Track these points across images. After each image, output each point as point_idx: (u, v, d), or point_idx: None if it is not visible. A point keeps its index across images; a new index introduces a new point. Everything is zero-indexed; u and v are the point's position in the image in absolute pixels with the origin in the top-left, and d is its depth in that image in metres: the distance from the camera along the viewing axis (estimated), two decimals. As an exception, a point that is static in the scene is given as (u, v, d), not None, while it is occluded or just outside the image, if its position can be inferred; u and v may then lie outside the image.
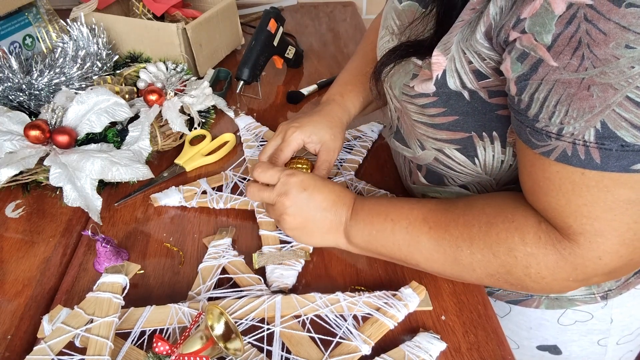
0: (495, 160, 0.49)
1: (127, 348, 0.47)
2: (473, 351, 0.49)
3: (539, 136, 0.38)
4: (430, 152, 0.53)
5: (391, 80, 0.53)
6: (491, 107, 0.45)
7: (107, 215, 0.66)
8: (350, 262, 0.59)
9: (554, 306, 0.63)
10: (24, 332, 0.52)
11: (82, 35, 0.84)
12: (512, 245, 0.44)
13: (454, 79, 0.44)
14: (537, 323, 0.66)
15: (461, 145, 0.50)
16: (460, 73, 0.44)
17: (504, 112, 0.45)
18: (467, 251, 0.46)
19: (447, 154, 0.52)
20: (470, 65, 0.43)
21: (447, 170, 0.54)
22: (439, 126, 0.49)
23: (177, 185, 0.69)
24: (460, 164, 0.52)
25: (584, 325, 0.64)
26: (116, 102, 0.70)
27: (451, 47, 0.43)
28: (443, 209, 0.50)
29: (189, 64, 0.94)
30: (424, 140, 0.53)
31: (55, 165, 0.63)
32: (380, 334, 0.49)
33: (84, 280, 0.57)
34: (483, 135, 0.48)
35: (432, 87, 0.46)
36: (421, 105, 0.49)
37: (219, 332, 0.44)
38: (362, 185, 0.68)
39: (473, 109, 0.46)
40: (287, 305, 0.51)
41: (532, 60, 0.36)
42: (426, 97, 0.47)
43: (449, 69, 0.44)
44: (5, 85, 0.74)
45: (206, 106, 0.80)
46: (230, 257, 0.57)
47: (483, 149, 0.49)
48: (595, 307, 0.62)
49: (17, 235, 0.63)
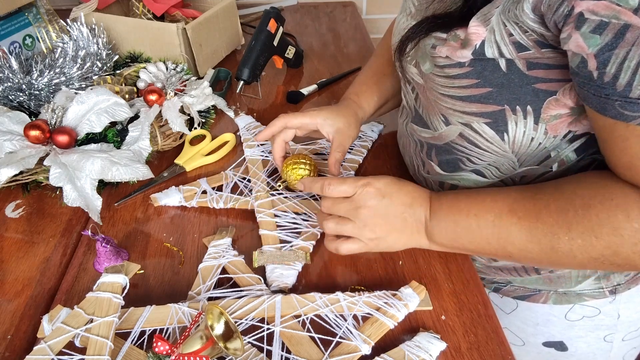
0: (526, 137, 0.48)
1: (127, 348, 0.47)
2: (473, 351, 0.49)
3: (634, 106, 0.37)
4: (455, 127, 0.51)
5: (417, 56, 0.52)
6: (529, 79, 0.44)
7: (107, 215, 0.66)
8: (350, 262, 0.59)
9: (562, 301, 0.63)
10: (24, 332, 0.52)
11: (82, 35, 0.84)
12: (617, 224, 0.42)
13: (493, 49, 0.43)
14: (544, 319, 0.66)
15: (492, 119, 0.48)
16: (500, 45, 0.43)
17: (542, 86, 0.44)
18: (565, 238, 0.44)
19: (474, 129, 0.50)
20: (511, 37, 0.42)
21: (469, 148, 0.52)
22: (469, 98, 0.47)
23: (177, 185, 0.69)
24: (488, 140, 0.50)
25: (592, 321, 0.64)
26: (116, 102, 0.70)
27: (492, 18, 0.42)
28: (530, 197, 0.47)
29: (189, 64, 0.94)
30: (449, 115, 0.51)
31: (55, 165, 0.63)
32: (380, 334, 0.49)
33: (84, 280, 0.57)
34: (517, 109, 0.46)
35: (468, 55, 0.45)
36: (453, 76, 0.47)
37: (219, 332, 0.43)
38: None
39: (509, 80, 0.44)
40: (287, 305, 0.51)
41: (615, 27, 0.35)
42: (459, 67, 0.46)
43: (488, 40, 0.43)
44: (5, 85, 0.74)
45: (206, 106, 0.80)
46: (230, 257, 0.57)
47: (515, 123, 0.47)
48: (604, 302, 0.62)
49: (17, 235, 0.63)
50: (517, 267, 0.62)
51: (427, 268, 0.57)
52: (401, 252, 0.60)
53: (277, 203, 0.65)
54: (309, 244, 0.59)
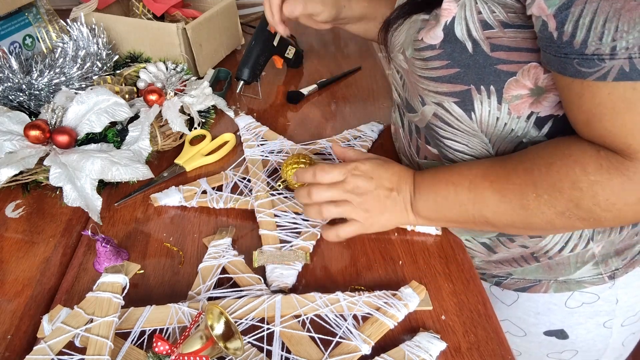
0: (491, 117, 0.51)
1: (127, 348, 0.47)
2: (473, 351, 0.49)
3: (589, 63, 0.39)
4: (430, 107, 0.54)
5: (403, 43, 0.55)
6: (492, 60, 0.47)
7: (107, 215, 0.66)
8: (350, 262, 0.59)
9: (562, 289, 0.64)
10: (24, 332, 0.52)
11: (82, 35, 0.84)
12: (574, 177, 0.44)
13: (461, 27, 0.47)
14: (545, 308, 0.67)
15: (460, 98, 0.51)
16: (468, 21, 0.46)
17: (503, 67, 0.47)
18: (532, 195, 0.47)
19: (446, 108, 0.53)
20: (479, 15, 0.45)
21: (444, 128, 0.55)
22: (440, 79, 0.51)
23: (177, 185, 0.69)
24: (458, 119, 0.53)
25: (591, 307, 0.65)
26: (116, 102, 0.70)
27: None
28: (500, 163, 0.51)
29: (189, 64, 0.94)
30: (425, 95, 0.54)
31: (55, 165, 0.63)
32: (380, 334, 0.49)
33: (84, 280, 0.57)
34: (481, 88, 0.49)
35: (439, 34, 0.48)
36: (427, 58, 0.51)
37: (219, 332, 0.43)
38: None
39: (474, 61, 0.48)
40: (287, 305, 0.51)
41: None
42: (432, 50, 0.49)
43: (459, 16, 0.46)
44: (5, 85, 0.74)
45: (206, 106, 0.80)
46: (230, 257, 0.57)
47: (480, 102, 0.50)
48: (603, 288, 0.63)
49: (17, 235, 0.63)
50: (515, 258, 0.63)
51: (427, 268, 0.57)
52: (401, 252, 0.60)
53: (277, 203, 0.65)
54: (309, 243, 0.60)
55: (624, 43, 0.36)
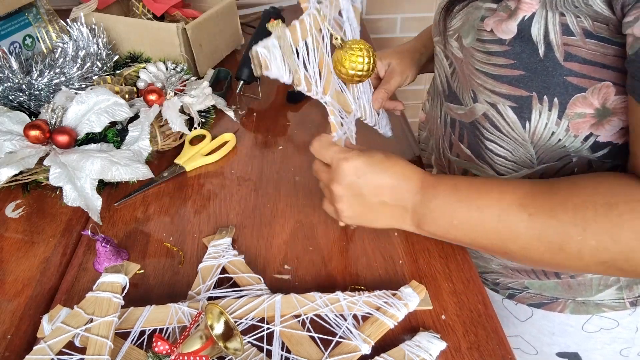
0: (547, 130, 0.47)
1: (126, 348, 0.47)
2: (473, 350, 0.49)
3: None
4: (481, 105, 0.51)
5: (461, 30, 0.51)
6: (562, 70, 0.43)
7: (107, 215, 0.66)
8: (350, 262, 0.59)
9: (580, 311, 0.61)
10: (23, 331, 0.52)
11: (82, 36, 0.84)
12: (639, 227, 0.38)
13: (539, 26, 0.42)
14: (560, 328, 0.64)
15: (517, 103, 0.47)
16: (549, 22, 0.42)
17: (573, 80, 0.43)
18: (577, 238, 0.39)
19: (499, 110, 0.49)
20: (562, 17, 0.41)
21: (490, 130, 0.51)
22: (501, 78, 0.47)
23: (177, 185, 0.69)
24: (510, 125, 0.49)
25: (609, 333, 0.62)
26: (116, 102, 0.70)
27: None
28: (543, 191, 0.43)
29: (189, 64, 0.94)
30: (479, 92, 0.51)
31: (55, 165, 0.63)
32: (380, 334, 0.49)
33: (83, 280, 0.57)
34: (544, 98, 0.45)
35: (513, 28, 0.44)
36: (491, 52, 0.47)
37: (219, 332, 0.43)
38: None
39: (543, 67, 0.44)
40: (287, 304, 0.51)
41: None
42: (499, 44, 0.46)
43: (539, 14, 0.42)
44: (5, 85, 0.74)
45: (206, 106, 0.80)
46: (230, 257, 0.57)
47: (539, 113, 0.46)
48: (623, 314, 0.60)
49: (17, 235, 0.63)
50: (536, 270, 0.60)
51: (427, 268, 0.57)
52: (401, 252, 0.60)
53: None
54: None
55: None
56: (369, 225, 0.52)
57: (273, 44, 0.44)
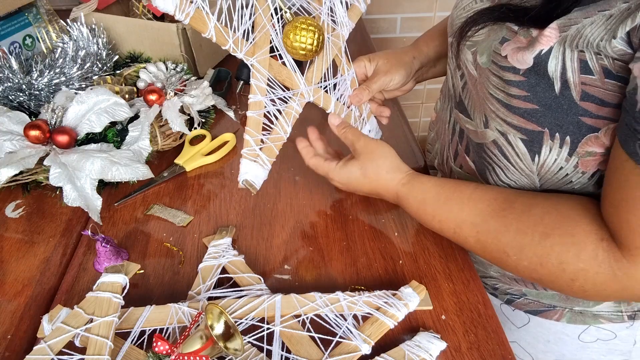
0: (555, 165, 0.47)
1: (127, 348, 0.47)
2: (473, 350, 0.49)
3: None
4: (492, 132, 0.50)
5: (479, 46, 0.49)
6: (577, 110, 0.42)
7: (107, 215, 0.66)
8: (350, 262, 0.59)
9: (576, 321, 0.60)
10: (24, 331, 0.52)
11: (82, 36, 0.84)
12: (565, 259, 0.43)
13: (557, 62, 0.41)
14: (556, 337, 0.63)
15: (528, 137, 0.46)
16: (567, 58, 0.40)
17: (588, 121, 0.42)
18: (513, 257, 0.46)
19: (509, 141, 0.48)
20: (581, 53, 0.39)
21: (499, 158, 0.51)
22: (514, 109, 0.46)
23: (177, 185, 0.69)
24: (518, 156, 0.49)
25: (606, 345, 0.62)
26: (116, 102, 0.70)
27: (574, 26, 0.39)
28: (495, 213, 0.48)
29: (189, 64, 0.94)
30: (491, 119, 0.50)
31: (55, 165, 0.63)
32: (380, 334, 0.49)
33: (84, 280, 0.57)
34: (556, 135, 0.45)
35: (529, 60, 0.42)
36: (505, 80, 0.45)
37: (219, 332, 0.43)
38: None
39: (558, 104, 0.43)
40: (287, 304, 0.51)
41: None
42: (514, 73, 0.44)
43: (557, 49, 0.40)
44: (5, 85, 0.74)
45: (206, 106, 0.80)
46: (230, 257, 0.57)
47: (549, 149, 0.46)
48: (621, 326, 0.60)
49: (17, 235, 0.63)
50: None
51: (427, 268, 0.57)
52: (401, 252, 0.60)
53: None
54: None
55: None
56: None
57: None
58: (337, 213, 0.66)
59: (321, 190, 0.69)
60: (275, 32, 0.57)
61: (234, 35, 0.54)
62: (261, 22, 0.55)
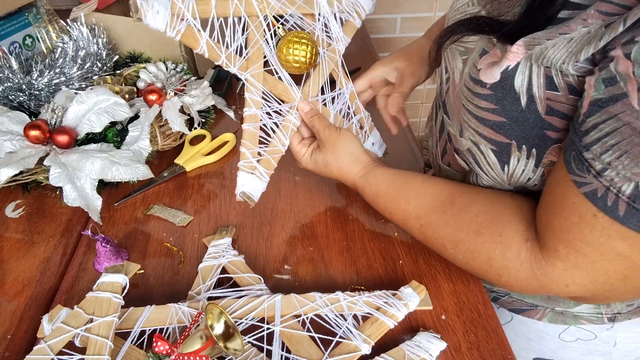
0: (523, 176, 0.48)
1: (127, 348, 0.47)
2: (473, 350, 0.49)
3: (580, 165, 0.37)
4: (466, 142, 0.51)
5: (470, 54, 0.50)
6: (542, 123, 0.43)
7: (107, 215, 0.66)
8: (350, 262, 0.59)
9: (557, 321, 0.62)
10: (24, 331, 0.52)
11: (82, 36, 0.84)
12: (492, 256, 0.46)
13: (523, 77, 0.42)
14: (537, 335, 0.65)
15: (498, 148, 0.48)
16: (533, 74, 0.41)
17: (552, 134, 0.43)
18: (450, 250, 0.51)
19: (481, 150, 0.50)
20: (547, 69, 0.40)
21: (473, 165, 0.52)
22: (484, 121, 0.47)
23: (178, 185, 0.69)
24: (490, 165, 0.50)
25: (586, 345, 0.63)
26: (116, 102, 0.70)
27: (536, 46, 0.40)
28: (438, 207, 0.52)
29: (189, 64, 0.94)
30: (465, 128, 0.51)
31: (55, 165, 0.63)
32: (380, 334, 0.49)
33: (84, 280, 0.57)
34: (522, 147, 0.46)
35: (497, 75, 0.43)
36: (475, 93, 0.46)
37: (219, 332, 0.43)
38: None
39: (524, 118, 0.44)
40: (287, 304, 0.51)
41: (616, 90, 0.34)
42: (482, 87, 0.45)
43: (524, 64, 0.41)
44: (5, 85, 0.74)
45: (206, 106, 0.80)
46: (230, 257, 0.57)
47: (517, 160, 0.47)
48: (601, 327, 0.61)
49: (17, 235, 0.63)
50: None
51: (427, 268, 0.57)
52: (401, 252, 0.60)
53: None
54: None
55: (613, 173, 0.35)
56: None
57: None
58: (337, 213, 0.66)
59: (321, 190, 0.70)
60: (269, 47, 0.58)
61: (227, 50, 0.55)
62: (254, 37, 0.57)
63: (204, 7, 0.53)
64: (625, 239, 0.37)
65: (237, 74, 0.57)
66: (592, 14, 0.36)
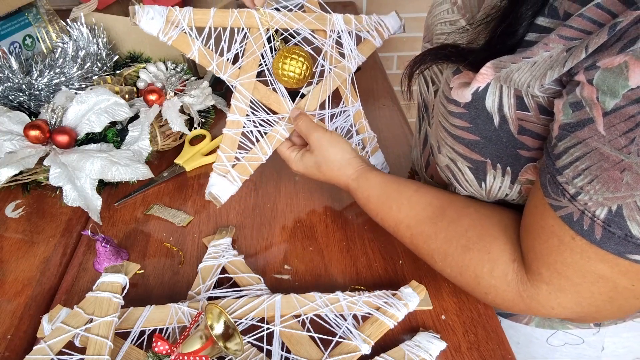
0: (501, 191, 0.48)
1: (126, 348, 0.47)
2: (473, 350, 0.49)
3: (555, 188, 0.38)
4: (444, 158, 0.52)
5: (447, 72, 0.49)
6: (515, 143, 0.43)
7: (107, 215, 0.66)
8: (350, 262, 0.59)
9: (544, 325, 0.62)
10: (23, 331, 0.52)
11: (82, 36, 0.84)
12: (480, 273, 0.46)
13: (494, 97, 0.42)
14: (525, 339, 0.65)
15: (474, 165, 0.48)
16: (503, 95, 0.42)
17: (525, 153, 0.44)
18: (439, 263, 0.50)
19: (458, 167, 0.50)
20: (517, 90, 0.41)
21: (452, 181, 0.53)
22: (459, 139, 0.47)
23: (178, 185, 0.69)
24: (467, 182, 0.51)
25: (574, 349, 0.63)
26: (116, 102, 0.70)
27: (503, 69, 0.40)
28: (429, 217, 0.51)
29: (189, 64, 0.94)
30: (442, 145, 0.51)
31: (55, 165, 0.63)
32: (380, 334, 0.49)
33: (83, 280, 0.57)
34: (497, 166, 0.46)
35: (468, 96, 0.44)
36: (449, 112, 0.47)
37: (219, 332, 0.43)
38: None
39: (497, 137, 0.44)
40: (287, 304, 0.51)
41: (583, 115, 0.34)
42: (456, 105, 0.45)
43: (494, 85, 0.42)
44: (5, 85, 0.74)
45: (206, 106, 0.80)
46: (230, 257, 0.57)
47: (493, 177, 0.47)
48: (588, 332, 0.61)
49: (17, 235, 0.63)
50: None
51: (427, 268, 0.57)
52: (401, 252, 0.60)
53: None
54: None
55: (587, 197, 0.35)
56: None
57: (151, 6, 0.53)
58: (337, 213, 0.66)
59: (321, 190, 0.70)
60: (267, 59, 0.59)
61: (219, 58, 0.56)
62: (251, 48, 0.58)
63: (202, 16, 0.55)
64: (605, 261, 0.37)
65: (226, 81, 0.58)
66: (553, 38, 0.36)
